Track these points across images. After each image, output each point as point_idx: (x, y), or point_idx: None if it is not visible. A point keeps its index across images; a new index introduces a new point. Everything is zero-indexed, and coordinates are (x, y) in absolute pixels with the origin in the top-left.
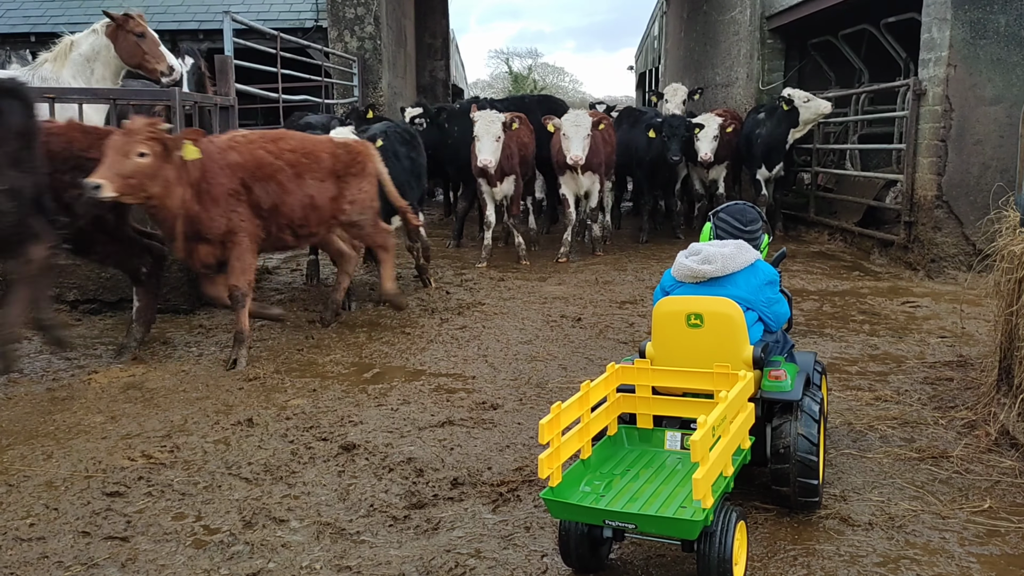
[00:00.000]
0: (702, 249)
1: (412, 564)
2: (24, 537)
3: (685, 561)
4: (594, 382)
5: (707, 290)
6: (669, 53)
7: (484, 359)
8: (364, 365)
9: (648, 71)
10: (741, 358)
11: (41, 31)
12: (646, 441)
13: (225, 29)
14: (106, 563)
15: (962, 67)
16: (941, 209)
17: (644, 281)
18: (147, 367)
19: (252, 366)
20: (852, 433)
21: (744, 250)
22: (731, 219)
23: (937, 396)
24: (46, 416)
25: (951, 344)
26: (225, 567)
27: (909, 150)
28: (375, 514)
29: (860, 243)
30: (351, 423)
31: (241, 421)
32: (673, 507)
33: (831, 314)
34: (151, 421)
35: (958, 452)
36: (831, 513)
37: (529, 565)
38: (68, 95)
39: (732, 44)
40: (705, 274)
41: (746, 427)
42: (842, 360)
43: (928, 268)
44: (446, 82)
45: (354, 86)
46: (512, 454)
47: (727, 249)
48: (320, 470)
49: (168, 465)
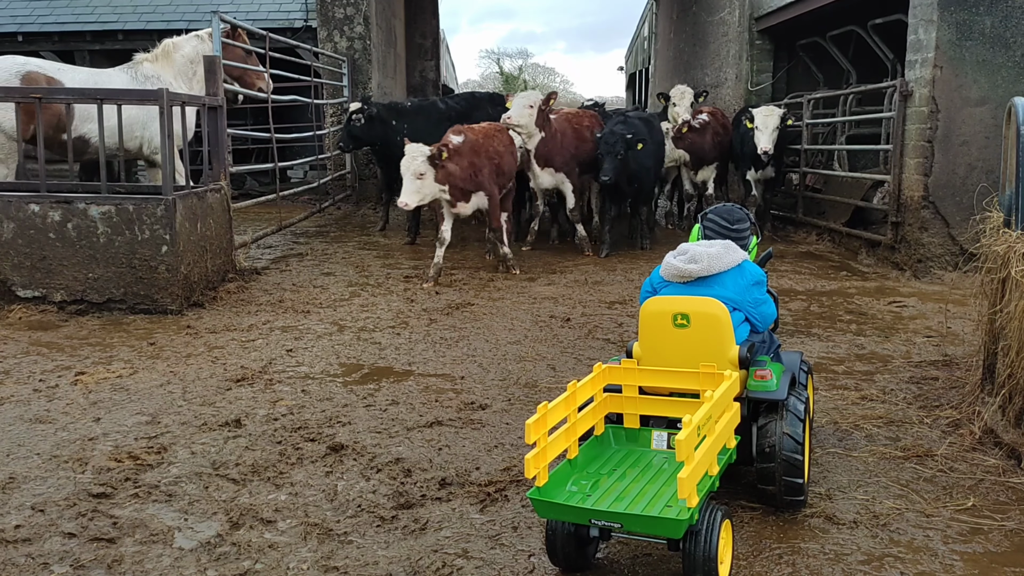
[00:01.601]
0: (689, 249)
1: (400, 564)
2: (10, 539)
3: (671, 560)
4: (581, 382)
5: (694, 290)
6: (659, 54)
7: (473, 359)
8: (352, 366)
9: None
10: (727, 358)
11: (29, 30)
12: (633, 441)
13: (214, 29)
14: (92, 564)
15: (948, 68)
16: (928, 210)
17: (633, 282)
18: (134, 368)
19: (240, 367)
20: (838, 432)
21: (731, 250)
22: (719, 219)
23: (922, 395)
24: (32, 417)
25: (937, 344)
26: (212, 568)
27: (896, 151)
28: (363, 514)
29: (848, 243)
30: (339, 423)
31: (229, 422)
32: (659, 506)
33: (818, 314)
34: (137, 422)
35: (943, 451)
36: (816, 512)
37: (516, 565)
38: (55, 95)
39: (721, 45)
40: (691, 273)
41: (732, 426)
42: (829, 359)
43: (915, 268)
44: (436, 82)
45: (344, 86)
46: (500, 454)
47: (714, 249)
48: (308, 471)
49: (155, 466)
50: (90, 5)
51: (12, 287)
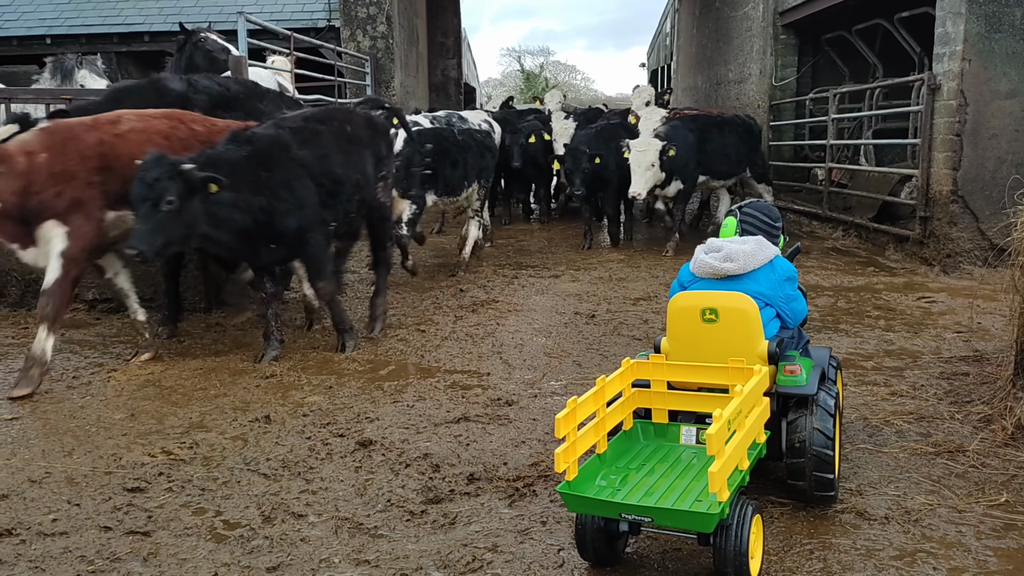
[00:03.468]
0: (723, 246)
1: (429, 558)
2: (48, 532)
3: (701, 555)
4: (609, 377)
5: (727, 286)
6: (681, 50)
7: (499, 356)
8: (380, 362)
9: (660, 68)
10: (756, 353)
11: (57, 33)
12: (661, 436)
13: (239, 30)
14: (128, 557)
15: (977, 61)
16: (956, 204)
17: (658, 278)
18: (165, 365)
19: (269, 363)
20: (868, 428)
21: (764, 246)
22: (759, 215)
23: (953, 391)
24: (66, 413)
25: (967, 339)
26: (245, 560)
27: (924, 145)
28: (392, 509)
29: (875, 239)
30: (367, 419)
31: (259, 418)
32: (689, 501)
33: (846, 310)
34: (170, 418)
35: (974, 446)
36: (847, 507)
37: (546, 559)
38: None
39: (745, 40)
40: (727, 271)
41: (761, 421)
42: (857, 355)
43: (944, 263)
44: (458, 81)
45: (367, 85)
46: (527, 449)
47: (747, 246)
48: (337, 466)
49: (187, 461)
50: (117, 7)
51: None
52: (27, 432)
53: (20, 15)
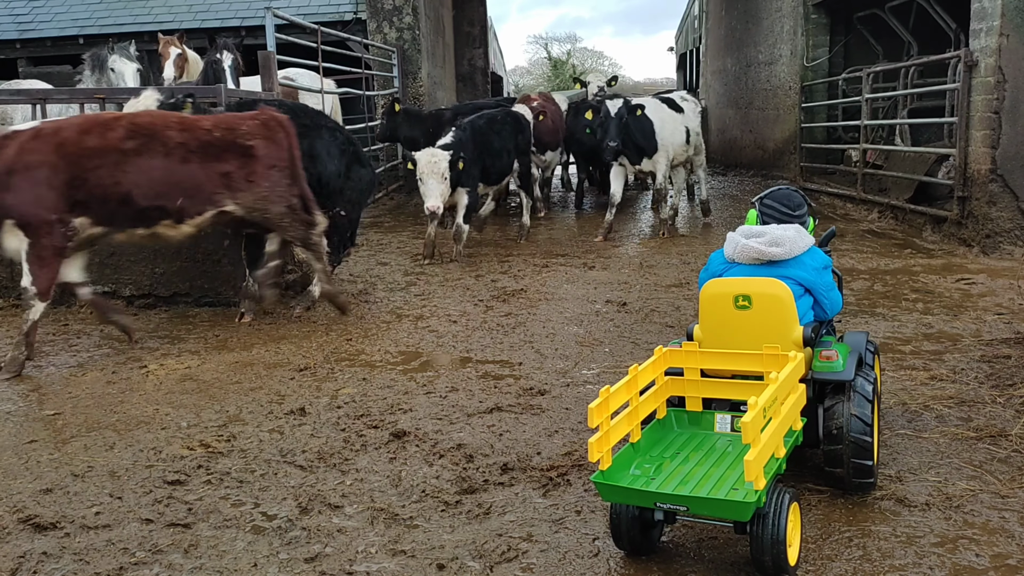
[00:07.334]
0: (765, 231)
1: (465, 548)
2: (91, 525)
3: (737, 543)
4: (642, 365)
5: (769, 272)
6: (710, 32)
7: (530, 345)
8: (412, 354)
9: (689, 52)
10: (791, 339)
11: (89, 33)
12: (695, 424)
13: (267, 25)
14: (169, 549)
15: (1015, 36)
16: (995, 183)
17: (689, 264)
18: (201, 359)
19: (303, 356)
20: (907, 413)
21: (803, 233)
22: (779, 205)
23: (994, 374)
24: (107, 408)
25: (1008, 321)
26: (284, 552)
27: (961, 123)
28: (427, 499)
29: (911, 220)
30: (401, 411)
31: (294, 410)
32: (725, 489)
33: (883, 293)
34: (207, 411)
35: (1017, 430)
36: (886, 494)
37: (581, 548)
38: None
39: (775, 21)
40: (773, 256)
41: (797, 408)
42: (895, 340)
43: (983, 244)
44: (485, 70)
45: (394, 77)
46: (561, 439)
47: (790, 232)
48: (372, 457)
49: (225, 454)
50: (147, 6)
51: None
52: (69, 427)
53: (53, 16)
